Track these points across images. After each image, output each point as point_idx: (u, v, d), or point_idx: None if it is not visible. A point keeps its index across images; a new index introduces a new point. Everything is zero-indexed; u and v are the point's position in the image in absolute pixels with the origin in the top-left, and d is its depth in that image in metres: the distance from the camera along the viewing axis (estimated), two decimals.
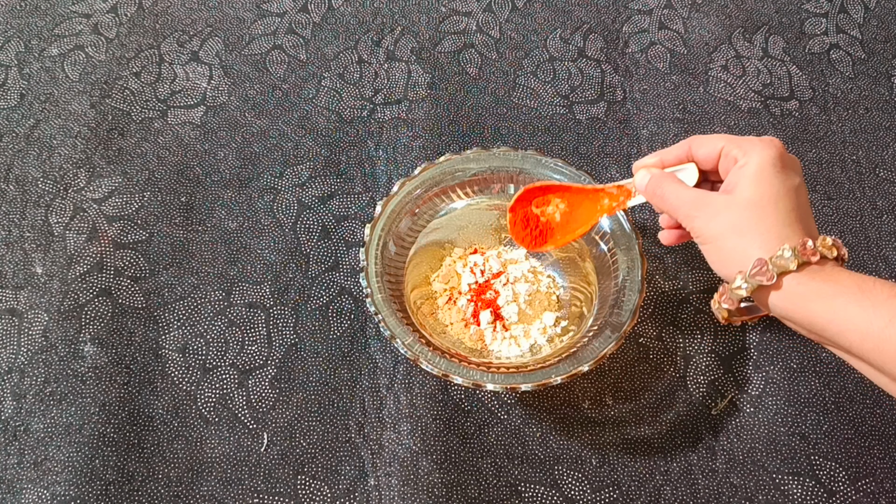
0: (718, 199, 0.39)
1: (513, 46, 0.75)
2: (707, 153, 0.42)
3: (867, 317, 0.34)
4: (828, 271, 0.36)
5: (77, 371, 0.56)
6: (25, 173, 0.65)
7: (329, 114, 0.70)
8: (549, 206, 0.51)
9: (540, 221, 0.51)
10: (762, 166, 0.38)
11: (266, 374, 0.56)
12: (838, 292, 0.35)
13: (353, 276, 0.61)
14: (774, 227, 0.37)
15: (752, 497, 0.53)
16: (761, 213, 0.38)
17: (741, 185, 0.39)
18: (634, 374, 0.57)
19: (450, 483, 0.53)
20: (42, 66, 0.72)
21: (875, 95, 0.72)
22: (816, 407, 0.56)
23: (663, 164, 0.45)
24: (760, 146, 0.39)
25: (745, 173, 0.39)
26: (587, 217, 0.49)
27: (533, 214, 0.51)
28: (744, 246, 0.38)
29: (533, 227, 0.51)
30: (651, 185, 0.43)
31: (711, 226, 0.39)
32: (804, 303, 0.36)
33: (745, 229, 0.38)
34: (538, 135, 0.69)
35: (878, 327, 0.34)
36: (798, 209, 0.38)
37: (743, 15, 0.78)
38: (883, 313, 0.34)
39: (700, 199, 0.40)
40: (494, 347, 0.55)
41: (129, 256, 0.61)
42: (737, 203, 0.38)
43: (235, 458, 0.53)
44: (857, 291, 0.35)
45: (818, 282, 0.36)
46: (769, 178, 0.38)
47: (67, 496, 0.52)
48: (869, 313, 0.34)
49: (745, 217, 0.38)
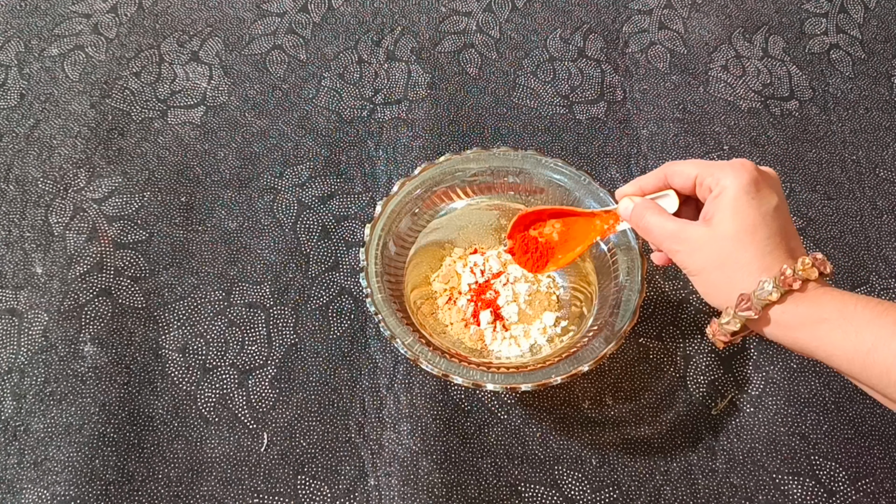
0: (698, 233, 0.40)
1: (513, 46, 0.75)
2: (682, 183, 0.43)
3: (851, 342, 0.35)
4: (811, 296, 0.37)
5: (77, 371, 0.56)
6: (25, 173, 0.65)
7: (329, 114, 0.70)
8: (545, 227, 0.51)
9: (539, 243, 0.51)
10: (737, 195, 0.39)
11: (266, 374, 0.56)
12: (821, 319, 0.36)
13: (353, 276, 0.61)
14: (755, 258, 0.38)
15: (752, 497, 0.53)
16: (740, 245, 0.38)
17: (717, 216, 0.39)
18: (634, 374, 0.57)
19: (450, 483, 0.53)
20: (42, 66, 0.72)
21: (875, 95, 0.72)
22: (816, 407, 0.56)
23: (643, 192, 0.45)
24: (732, 174, 0.39)
25: (720, 204, 0.39)
26: (584, 235, 0.50)
27: (531, 238, 0.52)
28: (728, 279, 0.39)
29: (533, 251, 0.52)
30: (634, 216, 0.44)
31: (694, 260, 0.40)
32: (790, 331, 0.37)
33: (727, 263, 0.39)
34: (538, 135, 0.69)
35: (862, 352, 0.34)
36: (778, 233, 0.38)
37: (743, 15, 0.78)
38: (866, 338, 0.34)
39: (681, 232, 0.41)
40: (494, 347, 0.55)
41: (129, 256, 0.61)
42: (716, 237, 0.39)
43: (235, 458, 0.53)
44: (839, 317, 0.35)
45: (802, 308, 0.37)
46: (744, 208, 0.38)
47: (67, 496, 0.52)
48: (852, 339, 0.35)
49: (726, 251, 0.38)
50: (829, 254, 0.63)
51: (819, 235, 0.64)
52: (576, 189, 0.56)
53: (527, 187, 0.58)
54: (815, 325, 0.36)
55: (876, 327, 0.34)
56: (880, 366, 0.34)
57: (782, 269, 0.37)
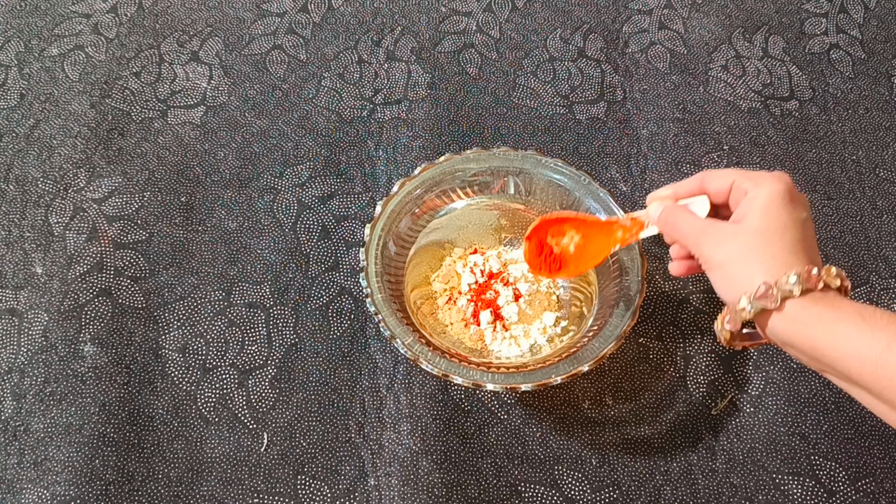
0: (727, 228, 0.41)
1: (513, 46, 0.75)
2: (719, 186, 0.44)
3: (865, 341, 0.35)
4: (830, 299, 0.38)
5: (77, 371, 0.56)
6: (25, 173, 0.65)
7: (329, 114, 0.70)
8: (563, 236, 0.52)
9: (554, 254, 0.52)
10: (771, 198, 0.40)
11: (266, 374, 0.56)
12: (839, 318, 0.36)
13: (353, 276, 0.61)
14: (780, 254, 0.39)
15: (752, 497, 0.53)
16: (768, 241, 0.39)
17: (750, 214, 0.40)
18: (634, 374, 0.57)
19: (450, 483, 0.53)
20: (42, 66, 0.72)
21: (875, 95, 0.72)
22: (816, 407, 0.56)
23: (677, 197, 0.46)
24: (771, 180, 0.41)
25: (754, 204, 0.40)
26: (600, 250, 0.50)
27: (547, 244, 0.52)
28: (750, 272, 0.39)
29: (546, 255, 0.52)
30: (664, 216, 0.45)
31: (719, 251, 0.41)
32: (805, 328, 0.37)
33: (752, 256, 0.39)
34: (538, 135, 0.69)
35: (875, 352, 0.35)
36: (804, 241, 0.40)
37: (743, 15, 0.78)
38: (881, 338, 0.35)
39: (710, 226, 0.42)
40: (494, 347, 0.55)
41: (129, 256, 0.61)
42: (745, 231, 0.40)
43: (235, 458, 0.53)
44: (857, 317, 0.36)
45: (820, 307, 0.37)
46: (777, 210, 0.40)
47: (67, 496, 0.52)
48: (867, 338, 0.35)
49: (753, 244, 0.39)
50: (829, 254, 0.63)
51: (819, 235, 0.64)
52: (576, 189, 0.56)
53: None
54: (831, 324, 0.36)
55: (893, 330, 0.35)
56: (892, 367, 0.34)
57: (809, 268, 0.37)
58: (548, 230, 0.52)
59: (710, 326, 0.59)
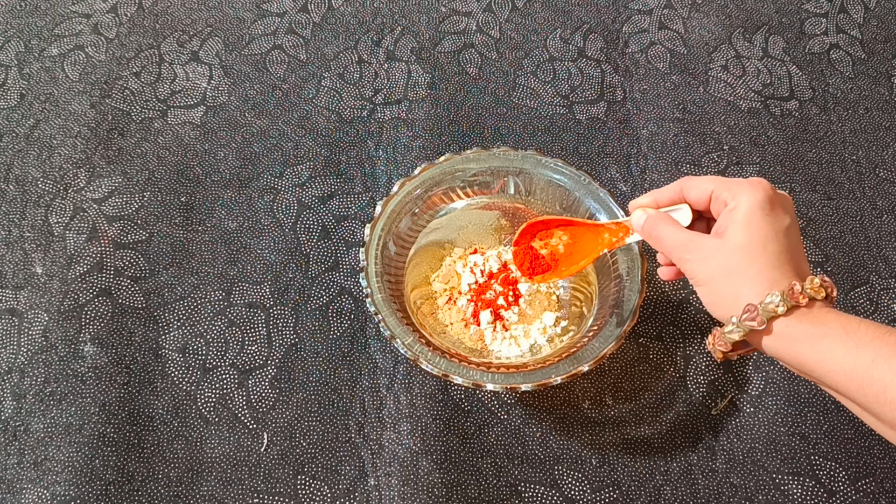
0: (710, 243, 0.41)
1: (513, 46, 0.75)
2: (697, 196, 0.43)
3: (851, 357, 0.35)
4: (815, 313, 0.38)
5: (77, 371, 0.56)
6: (25, 173, 0.65)
7: (329, 114, 0.70)
8: (552, 238, 0.52)
9: (542, 256, 0.52)
10: (751, 210, 0.40)
11: (266, 374, 0.56)
12: (825, 334, 0.36)
13: (353, 276, 0.61)
14: (764, 270, 0.38)
15: (752, 497, 0.53)
16: (750, 256, 0.39)
17: (731, 229, 0.40)
18: (634, 374, 0.57)
19: (450, 483, 0.53)
20: (42, 66, 0.72)
21: (875, 95, 0.72)
22: (816, 407, 0.56)
23: (658, 205, 0.46)
24: (749, 189, 0.40)
25: (734, 217, 0.40)
26: (590, 249, 0.50)
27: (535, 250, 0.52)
28: (735, 290, 0.39)
29: (533, 258, 0.52)
30: (647, 226, 0.45)
31: (704, 269, 0.41)
32: (792, 345, 0.38)
33: (736, 273, 0.39)
34: (538, 135, 0.69)
35: (861, 367, 0.35)
36: (788, 250, 0.39)
37: (743, 15, 0.78)
38: (866, 354, 0.35)
39: (692, 241, 0.41)
40: (494, 347, 0.55)
41: (129, 256, 0.61)
42: (727, 247, 0.40)
43: (235, 458, 0.53)
44: (842, 333, 0.36)
45: (806, 324, 0.37)
46: (758, 222, 0.39)
47: (67, 496, 0.52)
48: (853, 354, 0.35)
49: (735, 261, 0.39)
50: (829, 254, 0.63)
51: (819, 235, 0.64)
52: (576, 189, 0.56)
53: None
54: (817, 340, 0.37)
55: (877, 345, 0.35)
56: (878, 383, 0.34)
57: (791, 285, 0.38)
58: (535, 233, 0.52)
59: (710, 327, 0.59)
